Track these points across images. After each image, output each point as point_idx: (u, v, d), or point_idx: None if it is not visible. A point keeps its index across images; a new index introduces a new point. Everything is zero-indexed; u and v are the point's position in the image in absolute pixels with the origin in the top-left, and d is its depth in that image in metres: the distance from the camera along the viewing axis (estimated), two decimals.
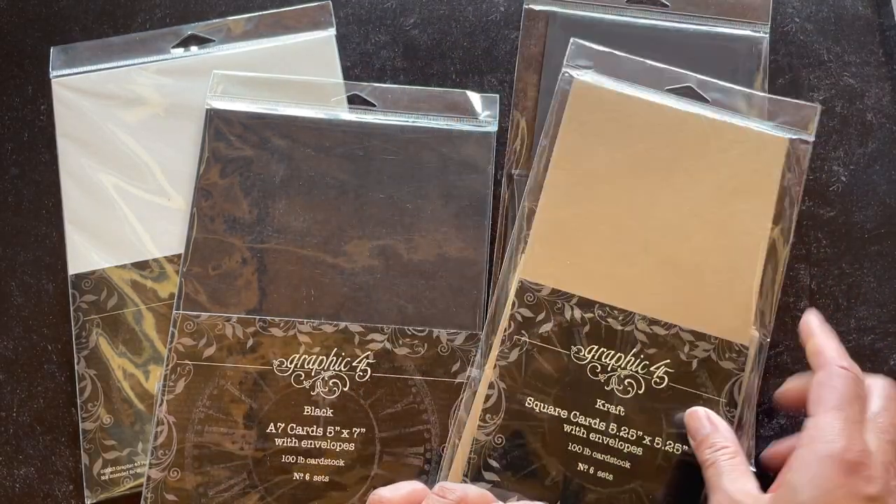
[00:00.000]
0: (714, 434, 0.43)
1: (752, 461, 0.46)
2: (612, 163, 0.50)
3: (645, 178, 0.49)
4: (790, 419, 0.48)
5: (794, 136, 0.50)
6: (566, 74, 0.51)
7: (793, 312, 0.50)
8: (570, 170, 0.50)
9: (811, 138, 0.50)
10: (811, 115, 0.50)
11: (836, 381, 0.39)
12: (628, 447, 0.45)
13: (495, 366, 0.46)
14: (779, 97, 0.51)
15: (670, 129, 0.50)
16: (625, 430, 0.45)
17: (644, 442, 0.45)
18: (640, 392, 0.46)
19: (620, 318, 0.47)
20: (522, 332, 0.47)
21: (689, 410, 0.44)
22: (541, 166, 0.50)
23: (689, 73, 0.51)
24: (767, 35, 0.54)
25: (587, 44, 0.52)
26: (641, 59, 0.51)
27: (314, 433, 0.46)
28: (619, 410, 0.46)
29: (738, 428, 0.46)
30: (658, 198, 0.49)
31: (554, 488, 0.44)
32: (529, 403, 0.46)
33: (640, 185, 0.49)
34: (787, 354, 0.49)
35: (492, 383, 0.46)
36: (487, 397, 0.46)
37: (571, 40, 0.52)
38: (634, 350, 0.46)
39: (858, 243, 0.51)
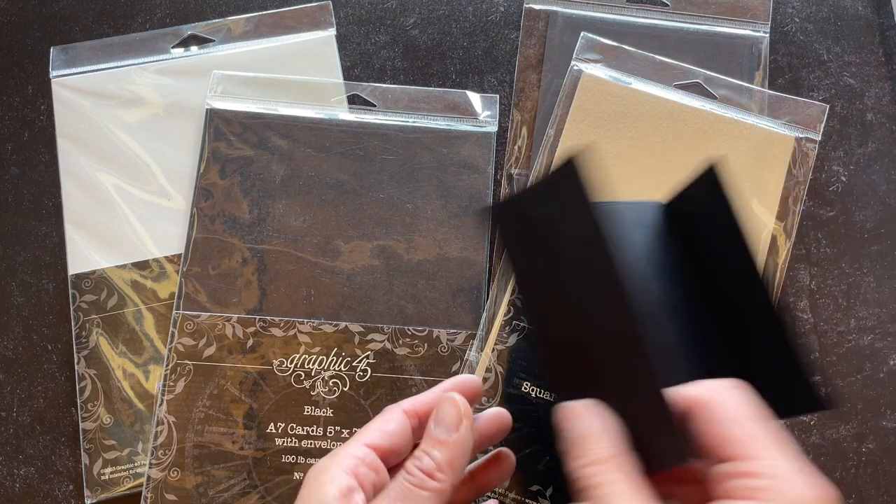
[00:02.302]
0: (592, 443, 0.31)
1: None
2: (618, 155, 0.50)
3: (649, 171, 0.50)
4: (790, 419, 0.48)
5: (800, 135, 0.50)
6: (575, 67, 0.52)
7: (793, 312, 0.50)
8: None
9: (818, 137, 0.50)
10: (819, 115, 0.50)
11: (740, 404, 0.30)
12: None
13: (493, 350, 0.46)
14: (787, 95, 0.51)
15: (677, 124, 0.50)
16: None
17: None
18: None
19: None
20: (522, 317, 0.47)
21: (560, 406, 0.33)
22: (545, 157, 0.50)
23: (697, 69, 0.52)
24: (767, 35, 0.54)
25: (597, 38, 0.52)
26: (651, 55, 0.52)
27: (314, 433, 0.46)
28: None
29: None
30: (662, 191, 0.49)
31: (548, 473, 0.45)
32: (525, 388, 0.46)
33: (644, 178, 0.49)
34: None
35: (489, 367, 0.46)
36: (484, 381, 0.46)
37: (581, 34, 0.52)
38: None
39: (858, 243, 0.51)
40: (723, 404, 0.30)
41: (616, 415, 0.32)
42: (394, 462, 0.36)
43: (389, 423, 0.36)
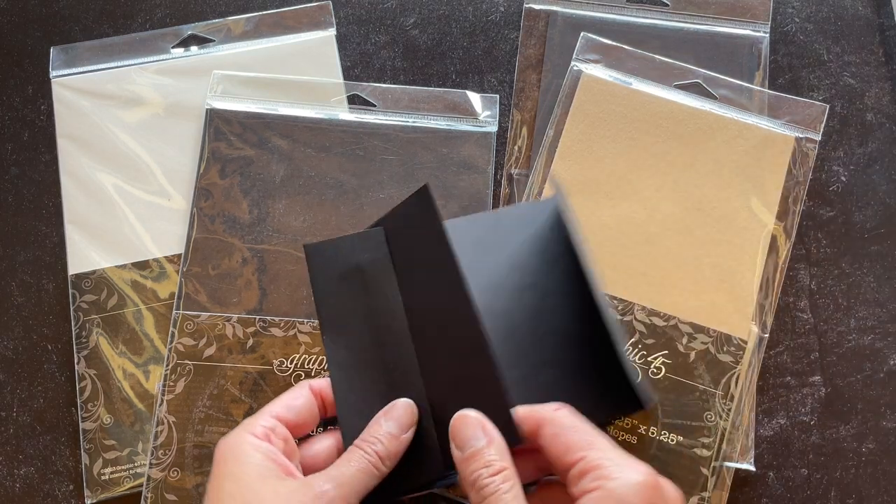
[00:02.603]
0: (488, 450, 0.35)
1: (752, 459, 0.46)
2: (618, 155, 0.50)
3: (649, 171, 0.50)
4: (790, 419, 0.48)
5: (800, 135, 0.50)
6: (575, 68, 0.52)
7: (793, 312, 0.50)
8: (576, 161, 0.50)
9: (818, 137, 0.50)
10: (819, 115, 0.51)
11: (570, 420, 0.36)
12: (623, 435, 0.45)
13: None
14: (786, 95, 0.51)
15: (676, 124, 0.50)
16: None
17: (639, 431, 0.45)
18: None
19: (620, 307, 0.47)
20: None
21: (458, 414, 0.36)
22: (545, 156, 0.50)
23: (697, 69, 0.52)
24: (767, 35, 0.54)
25: (596, 38, 0.52)
26: (651, 55, 0.52)
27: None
28: None
29: (735, 424, 0.46)
30: (662, 191, 0.49)
31: None
32: None
33: (644, 178, 0.49)
34: (787, 354, 0.49)
35: None
36: None
37: (581, 34, 0.52)
38: (633, 340, 0.47)
39: (858, 243, 0.51)
40: (560, 419, 0.35)
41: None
42: (299, 435, 0.39)
43: (297, 398, 0.39)
